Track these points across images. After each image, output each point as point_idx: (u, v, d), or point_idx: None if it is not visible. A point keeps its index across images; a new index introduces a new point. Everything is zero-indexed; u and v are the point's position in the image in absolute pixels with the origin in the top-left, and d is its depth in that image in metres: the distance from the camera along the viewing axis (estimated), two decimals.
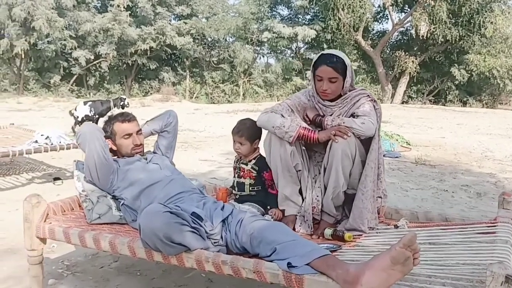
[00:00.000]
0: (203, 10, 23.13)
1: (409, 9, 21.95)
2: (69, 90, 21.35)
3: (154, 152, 2.62)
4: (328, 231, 2.11)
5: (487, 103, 23.38)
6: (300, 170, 2.32)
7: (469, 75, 20.97)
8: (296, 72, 23.14)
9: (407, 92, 23.36)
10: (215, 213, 2.02)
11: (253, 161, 2.46)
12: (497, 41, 20.33)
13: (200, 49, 22.82)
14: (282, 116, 2.28)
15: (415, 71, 21.20)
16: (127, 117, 2.43)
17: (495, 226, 1.87)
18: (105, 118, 2.58)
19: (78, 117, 7.90)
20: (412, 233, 1.44)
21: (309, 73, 2.31)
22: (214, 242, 1.93)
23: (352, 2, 19.97)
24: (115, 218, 2.21)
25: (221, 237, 1.96)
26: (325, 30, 21.38)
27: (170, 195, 2.18)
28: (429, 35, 20.06)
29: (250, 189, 2.46)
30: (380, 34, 24.55)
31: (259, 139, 2.48)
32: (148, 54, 21.26)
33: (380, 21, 24.54)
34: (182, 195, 2.19)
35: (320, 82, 2.25)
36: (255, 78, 22.88)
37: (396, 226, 2.11)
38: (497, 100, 24.60)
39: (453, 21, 19.72)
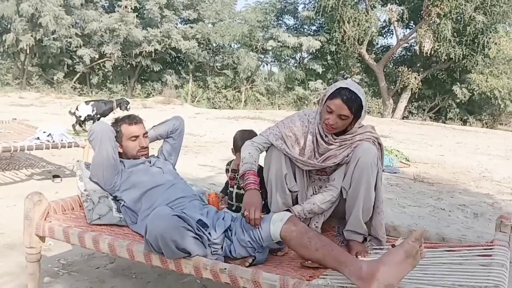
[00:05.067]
0: (209, 16, 23.28)
1: (414, 26, 22.09)
2: (71, 87, 21.39)
3: (157, 157, 2.64)
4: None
5: (487, 123, 23.46)
6: (296, 191, 2.30)
7: (470, 94, 21.07)
8: (298, 82, 23.21)
9: (408, 107, 23.44)
10: (218, 223, 2.04)
11: None
12: (500, 62, 20.44)
13: (204, 54, 22.89)
14: (258, 149, 2.28)
15: (417, 87, 21.29)
16: (134, 120, 2.46)
17: (492, 249, 1.89)
18: (108, 118, 2.60)
19: (80, 116, 7.93)
20: (422, 229, 1.52)
21: (313, 85, 2.17)
22: (213, 251, 1.95)
23: (358, 16, 20.11)
24: (115, 219, 2.23)
25: (221, 248, 1.97)
26: (329, 41, 21.48)
27: (170, 199, 2.20)
28: (432, 52, 20.16)
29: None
30: (384, 49, 24.67)
31: None
32: (153, 56, 21.34)
33: (385, 35, 24.67)
34: (182, 200, 2.21)
35: (329, 114, 2.09)
36: (258, 85, 22.95)
37: (393, 246, 2.12)
38: (497, 120, 24.72)
39: (457, 40, 19.85)
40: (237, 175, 2.50)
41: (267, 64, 25.21)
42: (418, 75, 21.52)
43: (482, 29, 19.35)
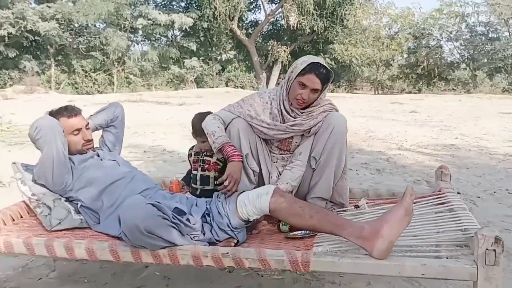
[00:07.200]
0: None
1: (280, 1, 22.99)
2: None
3: (101, 149, 2.43)
4: (284, 227, 2.07)
5: (346, 89, 25.78)
6: (257, 172, 2.31)
7: (333, 63, 22.79)
8: (173, 61, 22.73)
9: (279, 79, 24.58)
10: (193, 209, 1.98)
11: None
12: (357, 32, 22.40)
13: (66, 35, 21.05)
14: (223, 122, 2.25)
15: (287, 59, 22.37)
16: (74, 112, 2.21)
17: (445, 196, 2.14)
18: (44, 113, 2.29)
19: None
20: (411, 186, 1.69)
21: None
22: (193, 237, 1.89)
23: None
24: (75, 222, 2.02)
25: (202, 233, 1.92)
26: (201, 18, 21.36)
27: (135, 193, 2.06)
28: (298, 26, 21.31)
29: (215, 182, 2.37)
30: (253, 24, 25.34)
31: None
32: (6, 40, 18.99)
33: (253, 11, 25.30)
34: (148, 192, 2.10)
35: (302, 90, 2.14)
36: (131, 66, 21.92)
37: (356, 206, 2.26)
38: (353, 86, 27.36)
39: (319, 13, 21.21)
40: (201, 156, 2.43)
41: (138, 44, 24.23)
42: (287, 48, 22.61)
43: (339, 2, 20.94)
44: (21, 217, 2.05)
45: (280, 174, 2.34)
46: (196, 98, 15.11)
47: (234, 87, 22.74)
